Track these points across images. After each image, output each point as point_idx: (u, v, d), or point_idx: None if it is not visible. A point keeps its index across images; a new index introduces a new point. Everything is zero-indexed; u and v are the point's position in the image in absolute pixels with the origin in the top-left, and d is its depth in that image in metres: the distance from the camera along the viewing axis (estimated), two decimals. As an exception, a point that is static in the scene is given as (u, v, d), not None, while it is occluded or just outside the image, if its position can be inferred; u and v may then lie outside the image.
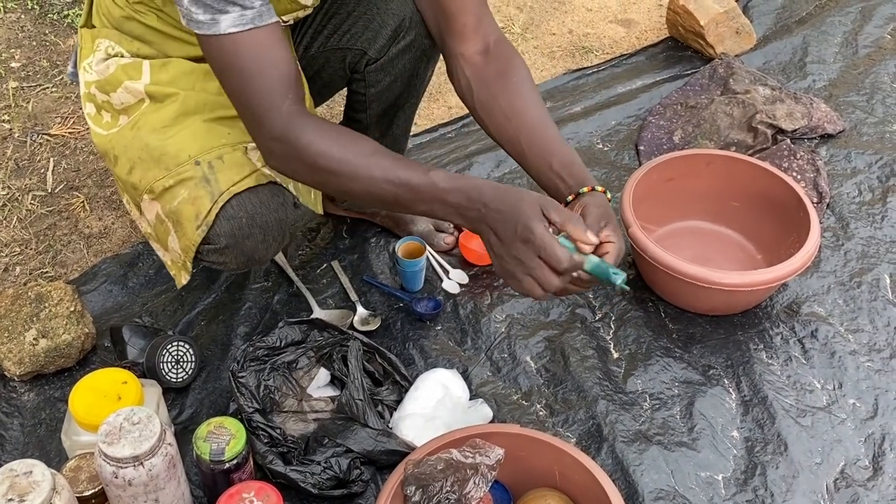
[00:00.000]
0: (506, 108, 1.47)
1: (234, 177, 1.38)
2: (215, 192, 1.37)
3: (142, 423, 1.30)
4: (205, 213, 1.37)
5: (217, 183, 1.37)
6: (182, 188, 1.38)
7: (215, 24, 1.21)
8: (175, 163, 1.39)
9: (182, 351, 1.63)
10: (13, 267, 1.88)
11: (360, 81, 1.67)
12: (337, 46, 1.63)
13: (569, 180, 1.43)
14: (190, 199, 1.38)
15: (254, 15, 1.22)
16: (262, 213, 1.40)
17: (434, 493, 1.35)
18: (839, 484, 1.53)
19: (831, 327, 1.76)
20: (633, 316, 1.78)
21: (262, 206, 1.39)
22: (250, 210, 1.38)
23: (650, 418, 1.61)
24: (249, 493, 1.35)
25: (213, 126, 1.43)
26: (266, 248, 1.43)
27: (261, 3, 1.23)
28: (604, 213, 1.36)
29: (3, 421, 1.60)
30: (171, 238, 1.41)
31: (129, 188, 1.46)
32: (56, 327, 1.64)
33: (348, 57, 1.64)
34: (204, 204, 1.37)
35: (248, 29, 1.22)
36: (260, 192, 1.40)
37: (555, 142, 1.45)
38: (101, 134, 1.50)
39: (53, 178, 2.06)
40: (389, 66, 1.62)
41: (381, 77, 1.64)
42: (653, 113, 2.23)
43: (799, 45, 2.45)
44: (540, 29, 2.54)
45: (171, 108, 1.43)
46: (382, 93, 1.66)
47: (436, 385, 1.61)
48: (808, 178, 2.03)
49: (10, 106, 2.24)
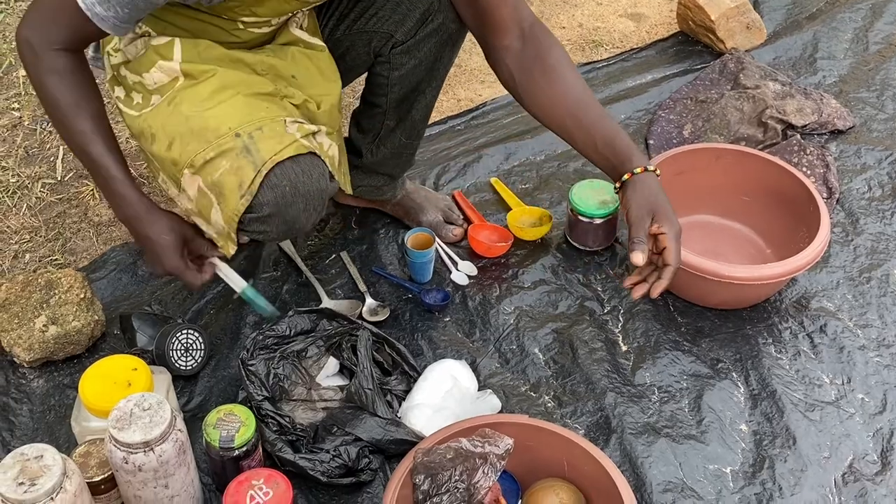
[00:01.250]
0: (548, 91, 1.54)
1: (276, 146, 1.40)
2: (258, 161, 1.38)
3: (152, 409, 1.30)
4: (248, 182, 1.38)
5: (259, 153, 1.39)
6: (223, 159, 1.39)
7: None
8: (215, 135, 1.40)
9: (191, 339, 1.63)
10: (23, 254, 1.88)
11: (384, 64, 1.67)
12: (363, 29, 1.64)
13: (613, 160, 1.50)
14: (232, 170, 1.39)
15: (98, 14, 1.31)
16: (304, 182, 1.41)
17: (443, 481, 1.35)
18: (847, 478, 1.53)
19: (840, 322, 1.76)
20: (642, 309, 1.78)
21: (304, 174, 1.41)
22: (293, 178, 1.40)
23: (658, 411, 1.61)
24: (259, 481, 1.35)
25: (251, 100, 1.45)
26: (307, 216, 1.45)
27: (112, 15, 1.32)
28: (650, 204, 1.40)
29: (12, 407, 1.61)
30: (214, 210, 1.42)
31: (167, 165, 1.47)
32: (66, 314, 1.64)
33: (374, 40, 1.64)
34: (247, 173, 1.38)
35: (82, 9, 1.31)
36: (301, 162, 1.41)
37: (597, 119, 1.52)
38: (133, 115, 1.50)
39: (63, 167, 2.07)
40: (415, 49, 1.62)
41: (406, 60, 1.64)
42: (663, 107, 2.23)
43: (809, 41, 2.44)
44: (550, 22, 2.53)
45: (209, 84, 1.45)
46: (405, 76, 1.66)
47: (444, 376, 1.61)
48: (818, 173, 2.02)
49: (20, 94, 2.24)
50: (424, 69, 1.67)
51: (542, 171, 2.09)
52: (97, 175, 1.43)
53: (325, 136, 1.51)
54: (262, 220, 1.41)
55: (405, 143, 1.80)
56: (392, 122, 1.76)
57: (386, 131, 1.78)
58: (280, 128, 1.42)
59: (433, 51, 1.64)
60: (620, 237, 1.91)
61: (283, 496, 1.34)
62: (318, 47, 1.60)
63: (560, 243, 1.91)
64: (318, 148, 1.45)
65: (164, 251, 1.46)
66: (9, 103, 2.21)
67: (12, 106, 2.21)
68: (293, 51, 1.56)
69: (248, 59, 1.50)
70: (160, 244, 1.46)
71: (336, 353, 1.61)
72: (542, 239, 1.92)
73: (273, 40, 1.57)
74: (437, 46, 1.63)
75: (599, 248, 1.89)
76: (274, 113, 1.45)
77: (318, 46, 1.60)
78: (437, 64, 1.68)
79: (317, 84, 1.58)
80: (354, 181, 1.88)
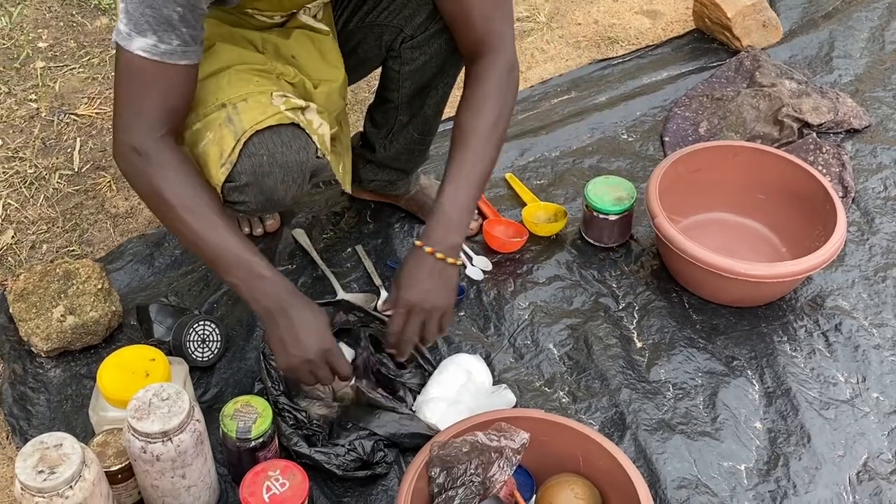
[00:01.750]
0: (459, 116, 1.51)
1: (258, 116, 1.40)
2: (238, 130, 1.39)
3: (171, 399, 1.31)
4: (228, 151, 1.39)
5: (241, 122, 1.39)
6: (207, 130, 1.40)
7: (129, 40, 1.28)
8: (203, 107, 1.41)
9: (208, 331, 1.64)
10: (40, 244, 1.89)
11: (395, 59, 1.67)
12: (374, 23, 1.64)
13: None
14: (215, 140, 1.40)
15: (166, 50, 1.29)
16: (283, 153, 1.41)
17: (458, 475, 1.36)
18: (862, 476, 1.53)
19: (855, 321, 1.76)
20: (657, 306, 1.78)
21: (284, 145, 1.41)
22: (271, 148, 1.40)
23: (673, 407, 1.62)
24: (275, 472, 1.36)
25: (243, 75, 1.45)
26: (285, 188, 1.44)
27: (178, 43, 1.29)
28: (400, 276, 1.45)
29: (30, 396, 1.62)
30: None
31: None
32: (84, 304, 1.65)
33: (385, 34, 1.64)
34: (228, 142, 1.39)
35: (154, 59, 1.29)
36: (282, 132, 1.41)
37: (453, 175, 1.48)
38: None
39: (80, 158, 2.07)
40: (426, 44, 1.62)
41: (417, 55, 1.64)
42: (678, 104, 2.23)
43: (825, 40, 2.44)
44: (566, 19, 2.54)
45: (206, 58, 1.44)
46: (416, 71, 1.66)
47: (459, 370, 1.61)
48: (834, 172, 2.02)
49: (37, 85, 2.25)
50: (436, 65, 1.67)
51: (557, 167, 2.09)
52: (237, 269, 1.35)
53: (316, 115, 1.49)
54: (240, 189, 1.41)
55: (418, 138, 1.80)
56: (405, 117, 1.76)
57: (399, 126, 1.78)
58: (266, 99, 1.42)
59: (444, 47, 1.64)
60: (636, 234, 1.91)
61: (300, 487, 1.35)
62: (322, 31, 1.59)
63: (575, 239, 1.92)
64: (304, 122, 1.44)
65: (320, 329, 1.39)
66: (26, 94, 2.22)
67: (30, 97, 2.22)
68: (296, 33, 1.56)
69: (250, 35, 1.51)
70: (317, 322, 1.39)
71: (352, 345, 1.61)
72: (556, 235, 1.92)
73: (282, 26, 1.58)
74: (448, 42, 1.62)
75: (614, 244, 1.89)
76: (263, 87, 1.44)
77: (322, 31, 1.59)
78: (449, 60, 1.68)
79: (317, 66, 1.57)
80: (368, 176, 1.88)
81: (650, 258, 1.88)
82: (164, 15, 1.25)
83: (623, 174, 2.02)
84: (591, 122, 2.20)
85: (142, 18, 1.26)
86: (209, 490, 1.42)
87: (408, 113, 1.75)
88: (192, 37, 1.30)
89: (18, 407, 1.60)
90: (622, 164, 2.09)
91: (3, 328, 1.71)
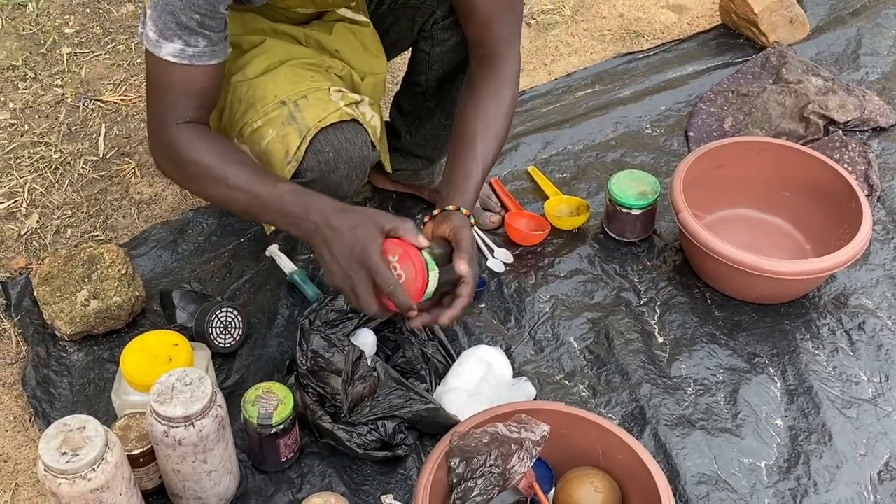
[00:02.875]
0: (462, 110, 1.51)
1: (320, 113, 1.42)
2: (303, 128, 1.41)
3: (194, 384, 1.31)
4: (294, 148, 1.41)
5: (304, 119, 1.42)
6: (269, 128, 1.42)
7: (158, 47, 1.31)
8: (262, 104, 1.44)
9: (230, 317, 1.65)
10: (64, 229, 1.90)
11: (426, 39, 1.67)
12: (407, 4, 1.64)
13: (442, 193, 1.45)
14: (279, 138, 1.42)
15: (193, 53, 1.31)
16: (347, 149, 1.44)
17: (478, 465, 1.36)
18: (883, 476, 1.52)
19: (879, 320, 1.75)
20: (679, 301, 1.78)
21: (347, 141, 1.44)
22: (336, 145, 1.43)
23: (694, 403, 1.61)
24: (394, 258, 1.27)
25: (297, 70, 1.47)
26: (350, 182, 1.47)
27: (206, 44, 1.31)
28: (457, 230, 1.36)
29: (53, 379, 1.63)
30: None
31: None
32: (107, 289, 1.66)
33: (417, 16, 1.65)
34: (293, 140, 1.41)
35: (182, 63, 1.31)
36: (345, 129, 1.44)
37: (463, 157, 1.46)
38: None
39: (105, 144, 2.08)
40: (457, 26, 1.62)
41: (448, 37, 1.64)
42: (703, 99, 2.22)
43: (853, 37, 2.41)
44: (591, 12, 2.52)
45: (256, 54, 1.48)
46: (447, 53, 1.66)
47: (479, 362, 1.61)
48: (860, 170, 2.01)
49: (63, 71, 2.26)
50: (465, 48, 1.67)
51: (580, 160, 2.08)
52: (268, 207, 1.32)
53: (368, 107, 1.52)
54: (307, 185, 1.42)
55: (444, 123, 1.80)
56: (432, 102, 1.76)
57: (426, 112, 1.79)
58: (324, 96, 1.45)
59: None
60: (658, 229, 1.91)
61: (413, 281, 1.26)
62: (362, 23, 1.61)
63: (597, 233, 1.91)
64: (360, 116, 1.47)
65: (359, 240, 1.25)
66: (52, 80, 2.23)
67: (56, 83, 2.23)
68: (337, 26, 1.58)
69: (292, 31, 1.52)
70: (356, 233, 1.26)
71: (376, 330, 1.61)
72: (579, 228, 1.91)
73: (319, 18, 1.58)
74: None
75: (637, 239, 1.88)
76: (318, 82, 1.47)
77: (362, 22, 1.61)
78: None
79: (361, 59, 1.59)
80: (393, 164, 1.88)
81: (672, 253, 1.87)
82: (184, 23, 1.28)
83: (647, 169, 2.01)
84: (615, 116, 2.19)
85: (165, 26, 1.28)
86: (230, 475, 1.43)
87: (435, 98, 1.75)
88: (217, 37, 1.32)
89: (41, 389, 1.61)
90: (646, 158, 2.08)
91: (27, 311, 1.72)
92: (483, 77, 1.52)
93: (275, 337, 1.70)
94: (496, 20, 1.50)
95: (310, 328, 1.52)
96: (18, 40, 2.34)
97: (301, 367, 1.50)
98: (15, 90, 2.21)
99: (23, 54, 2.29)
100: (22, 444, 1.56)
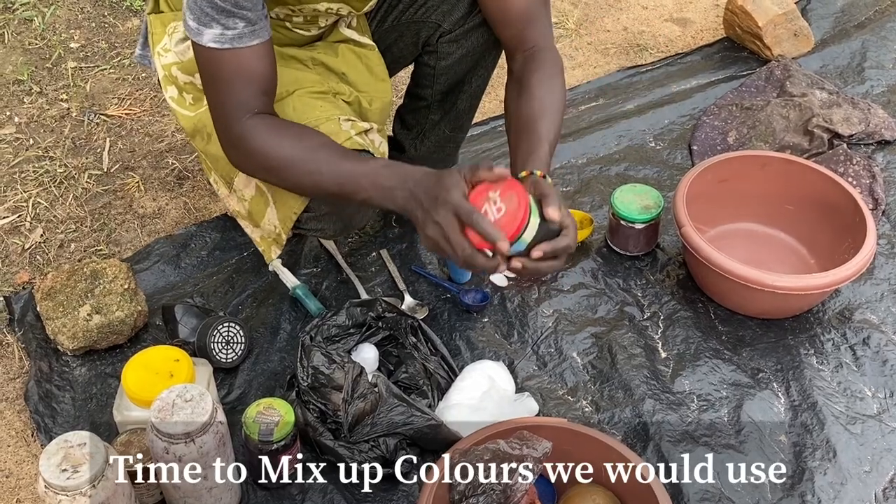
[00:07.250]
0: (514, 105, 1.49)
1: None
2: None
3: (194, 401, 1.31)
4: None
5: None
6: None
7: (200, 35, 1.30)
8: None
9: (232, 332, 1.65)
10: (68, 243, 1.90)
11: (431, 53, 1.67)
12: (411, 20, 1.64)
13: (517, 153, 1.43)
14: None
15: (234, 35, 1.29)
16: None
17: (479, 482, 1.35)
18: (888, 493, 1.51)
19: (883, 335, 1.74)
20: (683, 316, 1.77)
21: None
22: None
23: (697, 419, 1.60)
24: (495, 193, 1.26)
25: (306, 99, 1.47)
26: (362, 215, 1.47)
27: (244, 24, 1.29)
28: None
29: (55, 394, 1.63)
30: (269, 210, 1.43)
31: (222, 164, 1.48)
32: (110, 304, 1.66)
33: (422, 31, 1.64)
34: None
35: (225, 48, 1.29)
36: None
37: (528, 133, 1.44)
38: (188, 115, 1.51)
39: (109, 158, 2.09)
40: (463, 38, 1.62)
41: (453, 50, 1.64)
42: (707, 113, 2.21)
43: (857, 50, 2.41)
44: (594, 25, 2.53)
45: None
46: (451, 66, 1.66)
47: (482, 376, 1.61)
48: (864, 184, 2.00)
49: (68, 85, 2.27)
50: (471, 60, 1.67)
51: (583, 174, 2.08)
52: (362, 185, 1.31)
53: (377, 134, 1.51)
54: (320, 218, 1.42)
55: (449, 135, 1.80)
56: (436, 115, 1.76)
57: (430, 125, 1.78)
58: (335, 126, 1.43)
59: (481, 42, 1.64)
60: (662, 243, 1.90)
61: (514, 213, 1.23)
62: (367, 46, 1.60)
63: (601, 247, 1.91)
64: (369, 145, 1.46)
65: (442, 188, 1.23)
66: (57, 94, 2.24)
67: (61, 97, 2.24)
68: (342, 48, 1.57)
69: (299, 55, 1.51)
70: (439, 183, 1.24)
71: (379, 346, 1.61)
72: (582, 242, 1.91)
73: (322, 38, 1.58)
74: (485, 37, 1.62)
75: (640, 253, 1.88)
76: (328, 112, 1.45)
77: (367, 45, 1.60)
78: (485, 56, 1.67)
79: (367, 82, 1.58)
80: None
81: (676, 267, 1.86)
82: (218, 5, 1.26)
83: (650, 182, 2.01)
84: (618, 130, 2.19)
85: (202, 11, 1.27)
86: (230, 492, 1.42)
87: (440, 111, 1.75)
88: (255, 15, 1.30)
89: (44, 404, 1.61)
90: (649, 172, 2.08)
91: (30, 326, 1.73)
92: (531, 72, 1.50)
93: (277, 352, 1.70)
94: (536, 16, 1.50)
95: (311, 344, 1.52)
96: (24, 54, 2.35)
97: (302, 384, 1.50)
98: (20, 104, 2.22)
99: (28, 68, 2.30)
100: (24, 460, 1.56)
